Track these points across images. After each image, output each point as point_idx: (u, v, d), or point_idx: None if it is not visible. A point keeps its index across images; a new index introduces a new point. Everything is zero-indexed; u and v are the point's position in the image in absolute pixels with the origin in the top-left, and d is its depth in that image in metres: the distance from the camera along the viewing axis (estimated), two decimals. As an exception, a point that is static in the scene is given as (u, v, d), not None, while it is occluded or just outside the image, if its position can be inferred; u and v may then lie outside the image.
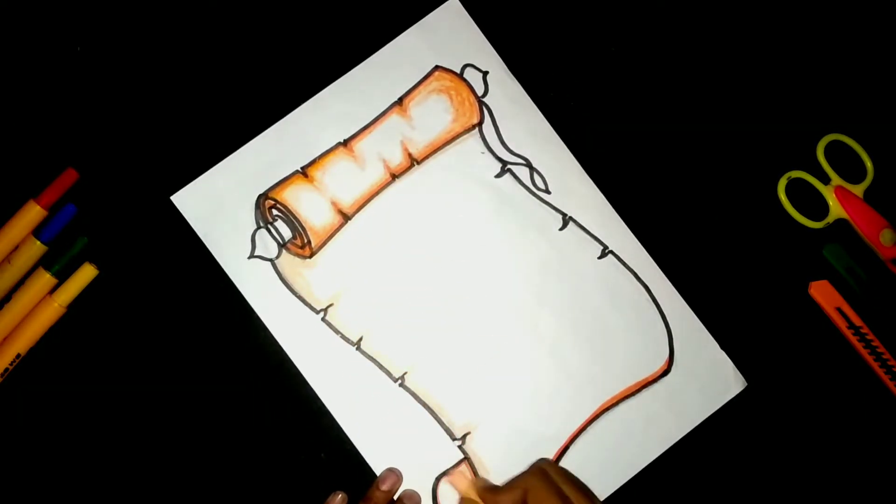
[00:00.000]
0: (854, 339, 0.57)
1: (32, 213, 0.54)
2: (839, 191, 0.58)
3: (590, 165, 0.58)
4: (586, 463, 0.55)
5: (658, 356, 0.56)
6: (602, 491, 0.55)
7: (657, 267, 0.57)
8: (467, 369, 0.56)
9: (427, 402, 0.55)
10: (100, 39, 0.57)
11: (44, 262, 0.54)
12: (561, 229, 0.57)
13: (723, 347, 0.57)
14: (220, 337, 0.55)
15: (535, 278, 0.57)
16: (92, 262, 0.55)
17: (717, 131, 0.59)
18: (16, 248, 0.54)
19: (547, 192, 0.58)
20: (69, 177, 0.55)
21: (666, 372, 0.56)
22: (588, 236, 0.57)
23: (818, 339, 0.57)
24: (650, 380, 0.56)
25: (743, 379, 0.56)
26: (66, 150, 0.55)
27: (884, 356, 0.56)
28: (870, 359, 0.56)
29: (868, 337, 0.56)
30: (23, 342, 0.54)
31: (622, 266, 0.57)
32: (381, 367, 0.55)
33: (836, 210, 0.58)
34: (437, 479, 0.54)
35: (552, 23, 0.59)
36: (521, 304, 0.56)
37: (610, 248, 0.57)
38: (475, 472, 0.55)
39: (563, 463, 0.55)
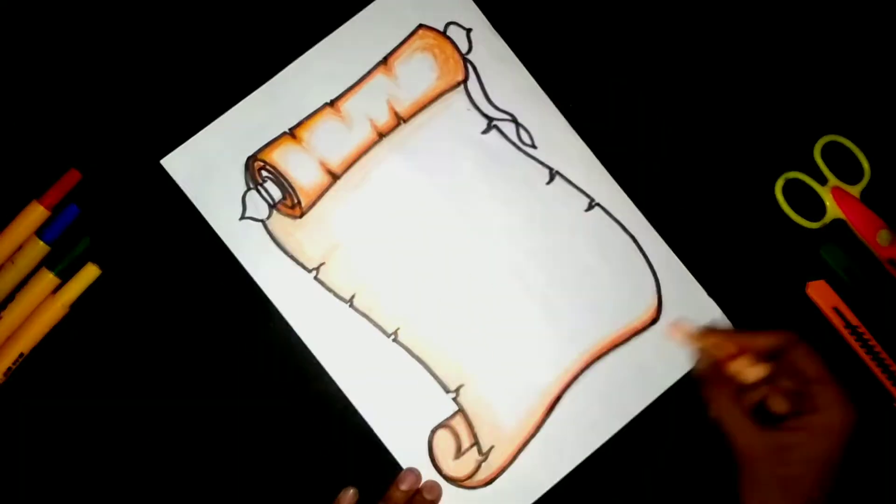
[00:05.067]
0: (851, 339, 0.57)
1: (35, 214, 0.55)
2: (836, 191, 0.58)
3: (575, 120, 0.58)
4: (579, 412, 0.56)
5: (647, 305, 0.57)
6: (594, 440, 0.56)
7: (644, 218, 0.58)
8: (459, 323, 0.56)
9: (421, 356, 0.56)
10: (98, 38, 0.57)
11: (47, 263, 0.55)
12: (548, 183, 0.58)
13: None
14: (223, 318, 0.56)
15: (523, 232, 0.57)
16: (94, 262, 0.55)
17: (714, 132, 0.59)
18: (19, 248, 0.55)
19: (533, 146, 0.58)
20: (72, 177, 0.55)
21: (655, 320, 0.57)
22: (575, 189, 0.58)
23: (815, 339, 0.56)
24: (639, 328, 0.57)
25: (730, 324, 0.57)
26: (68, 151, 0.56)
27: (881, 356, 0.56)
28: (867, 358, 0.57)
29: (865, 337, 0.57)
30: (26, 342, 0.54)
31: (609, 218, 0.58)
32: (374, 323, 0.56)
33: (833, 210, 0.58)
34: (433, 432, 0.55)
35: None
36: (511, 258, 0.57)
37: (597, 201, 0.58)
38: (469, 424, 0.56)
39: (555, 413, 0.56)
